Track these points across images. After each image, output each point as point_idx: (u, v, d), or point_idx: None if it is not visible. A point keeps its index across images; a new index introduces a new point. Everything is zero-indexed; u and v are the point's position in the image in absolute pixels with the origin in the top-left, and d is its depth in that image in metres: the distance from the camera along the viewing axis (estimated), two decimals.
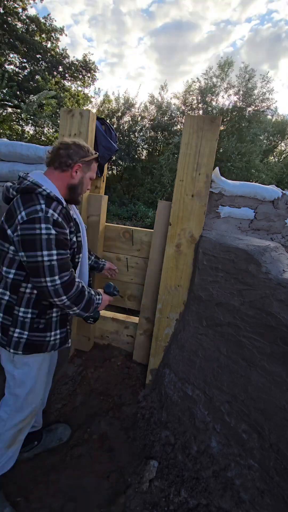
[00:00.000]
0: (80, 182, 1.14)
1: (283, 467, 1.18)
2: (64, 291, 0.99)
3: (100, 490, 1.26)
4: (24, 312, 1.05)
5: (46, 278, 0.95)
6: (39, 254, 0.93)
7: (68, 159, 1.08)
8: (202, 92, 9.60)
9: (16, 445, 1.18)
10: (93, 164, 1.19)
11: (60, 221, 0.99)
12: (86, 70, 12.49)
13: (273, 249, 1.45)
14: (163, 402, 1.59)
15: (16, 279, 1.03)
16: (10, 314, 1.06)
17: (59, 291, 0.98)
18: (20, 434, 1.18)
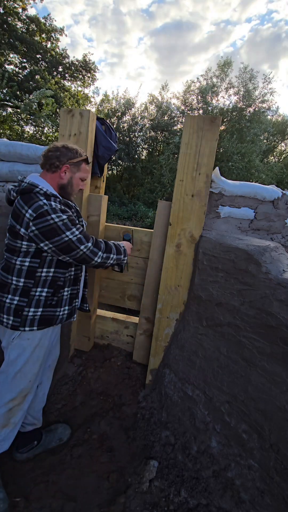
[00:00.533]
0: (69, 182, 1.25)
1: (283, 467, 1.18)
2: (98, 248, 1.19)
3: (100, 490, 1.26)
4: (40, 291, 1.18)
5: (80, 247, 1.12)
6: (63, 236, 1.08)
7: (56, 161, 1.20)
8: (202, 92, 9.60)
9: (10, 427, 1.21)
10: (83, 165, 1.29)
11: (63, 208, 1.13)
12: (86, 70, 12.50)
13: (273, 249, 1.45)
14: (163, 402, 1.59)
15: (32, 266, 1.15)
16: (26, 296, 1.16)
17: (95, 250, 1.17)
18: (12, 416, 1.21)
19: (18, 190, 1.12)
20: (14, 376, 1.19)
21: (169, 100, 10.65)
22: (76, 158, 1.24)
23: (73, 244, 1.11)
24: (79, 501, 1.22)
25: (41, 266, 1.16)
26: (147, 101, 10.88)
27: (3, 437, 1.21)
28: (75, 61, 12.18)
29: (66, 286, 1.26)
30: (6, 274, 1.17)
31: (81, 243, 1.13)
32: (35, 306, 1.17)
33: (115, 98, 10.93)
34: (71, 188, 1.26)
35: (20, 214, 1.08)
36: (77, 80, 12.55)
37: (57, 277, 1.21)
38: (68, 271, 1.25)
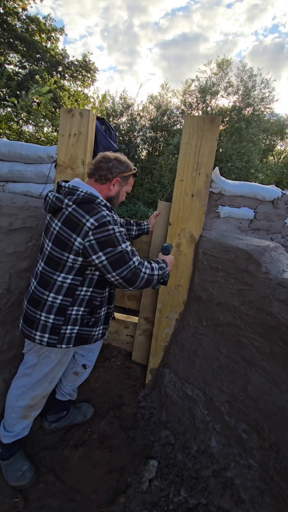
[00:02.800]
0: (116, 195, 1.26)
1: (283, 466, 1.18)
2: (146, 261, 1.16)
3: (100, 490, 1.26)
4: (77, 310, 1.17)
5: (133, 259, 1.08)
6: (119, 247, 1.06)
7: (108, 172, 1.19)
8: (201, 91, 9.60)
9: (30, 418, 1.30)
10: (131, 179, 1.30)
11: (120, 222, 1.19)
12: (86, 70, 12.48)
13: (273, 249, 1.45)
14: (163, 402, 1.59)
15: (73, 284, 1.13)
16: (62, 315, 1.14)
17: (144, 263, 1.13)
18: (33, 411, 1.29)
19: (76, 200, 1.07)
20: (38, 381, 1.23)
21: (169, 99, 10.65)
22: (127, 172, 1.24)
23: (126, 256, 1.07)
24: (79, 501, 1.22)
25: (81, 284, 1.14)
26: (147, 101, 10.88)
27: (24, 426, 1.29)
28: (75, 61, 12.16)
29: (103, 306, 1.25)
30: (43, 290, 1.13)
31: (133, 255, 1.10)
32: (72, 324, 1.17)
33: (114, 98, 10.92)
34: (116, 200, 1.27)
35: (79, 223, 1.04)
36: (77, 80, 12.53)
37: (94, 297, 1.19)
38: (105, 291, 1.24)
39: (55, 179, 1.75)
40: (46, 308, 1.13)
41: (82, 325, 1.19)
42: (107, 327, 1.34)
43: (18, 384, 1.26)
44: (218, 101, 10.02)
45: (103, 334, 1.32)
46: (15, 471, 1.25)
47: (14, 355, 1.51)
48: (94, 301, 1.20)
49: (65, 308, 1.14)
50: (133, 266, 1.08)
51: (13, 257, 1.46)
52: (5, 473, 1.26)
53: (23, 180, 1.86)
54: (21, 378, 1.25)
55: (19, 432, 1.28)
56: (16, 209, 1.51)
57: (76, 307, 1.16)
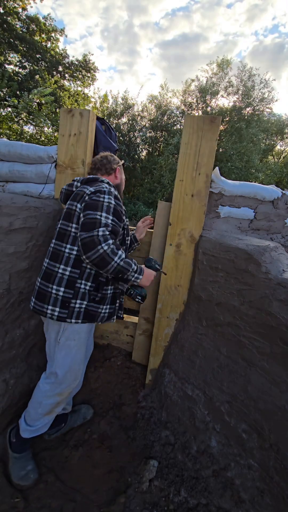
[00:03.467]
0: (121, 182, 1.50)
1: (283, 466, 1.18)
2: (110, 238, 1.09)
3: (100, 490, 1.26)
4: (85, 284, 1.22)
5: (99, 229, 1.08)
6: (98, 214, 1.11)
7: (111, 165, 1.44)
8: (201, 91, 9.60)
9: (51, 414, 1.33)
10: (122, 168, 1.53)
11: (118, 197, 1.27)
12: (86, 70, 12.48)
13: (273, 249, 1.45)
14: (163, 402, 1.59)
15: (78, 255, 1.20)
16: (72, 288, 1.20)
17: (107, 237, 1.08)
18: (57, 406, 1.32)
19: (83, 180, 1.30)
20: (64, 376, 1.27)
21: (169, 99, 10.65)
22: (119, 162, 1.49)
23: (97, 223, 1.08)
24: (79, 501, 1.22)
25: None
26: (147, 101, 10.88)
27: (45, 423, 1.32)
28: (75, 61, 12.16)
29: (109, 284, 1.29)
30: (54, 263, 1.22)
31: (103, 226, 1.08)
32: (81, 298, 1.21)
33: (115, 98, 10.91)
34: (122, 186, 1.51)
35: (81, 193, 1.22)
36: (77, 80, 12.53)
37: (100, 273, 1.24)
38: None
39: (55, 179, 1.75)
40: (57, 280, 1.20)
41: (89, 301, 1.23)
42: (114, 308, 1.35)
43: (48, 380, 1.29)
44: (218, 101, 10.02)
45: (109, 314, 1.33)
46: (20, 469, 1.26)
47: (14, 355, 1.51)
48: (100, 277, 1.25)
49: (74, 281, 1.20)
50: (96, 235, 1.06)
51: (13, 257, 1.46)
52: (11, 465, 1.28)
53: (23, 180, 1.86)
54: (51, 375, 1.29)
55: (39, 427, 1.30)
56: (16, 209, 1.51)
57: (84, 281, 1.21)
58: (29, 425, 1.30)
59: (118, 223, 1.17)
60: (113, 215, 1.15)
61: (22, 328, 1.55)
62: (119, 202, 1.24)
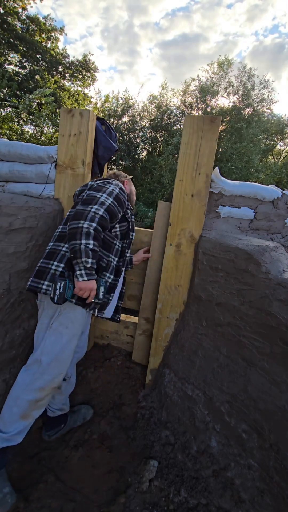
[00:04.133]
0: (131, 192, 1.59)
1: (283, 466, 1.18)
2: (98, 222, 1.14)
3: (100, 490, 1.26)
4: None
5: (94, 206, 1.17)
6: (99, 194, 1.22)
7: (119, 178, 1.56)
8: (201, 90, 9.60)
9: (29, 420, 1.19)
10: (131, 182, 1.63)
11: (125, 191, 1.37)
12: (86, 70, 12.47)
13: (273, 249, 1.45)
14: (163, 402, 1.59)
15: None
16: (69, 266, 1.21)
17: (95, 218, 1.14)
18: (35, 407, 1.19)
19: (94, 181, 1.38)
20: (49, 365, 1.18)
21: (169, 99, 10.64)
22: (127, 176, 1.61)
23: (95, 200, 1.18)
24: (79, 501, 1.22)
25: None
26: (147, 101, 10.87)
27: (20, 429, 1.18)
28: (75, 61, 12.16)
29: (107, 271, 1.30)
30: (59, 243, 1.26)
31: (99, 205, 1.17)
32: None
33: (115, 98, 10.91)
34: (132, 197, 1.61)
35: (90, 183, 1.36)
36: (77, 80, 12.53)
37: (100, 256, 1.26)
38: (111, 257, 1.32)
39: (55, 179, 1.75)
40: (59, 257, 1.22)
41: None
42: (108, 298, 1.34)
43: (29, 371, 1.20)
44: (218, 101, 10.02)
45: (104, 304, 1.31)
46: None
47: (14, 355, 1.51)
48: (101, 261, 1.26)
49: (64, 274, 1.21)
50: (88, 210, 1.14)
51: (13, 257, 1.46)
52: None
53: (23, 180, 1.86)
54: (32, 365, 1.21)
55: (12, 435, 1.16)
56: (16, 209, 1.51)
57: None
58: (1, 431, 1.15)
59: (117, 206, 1.25)
60: (113, 199, 1.23)
61: (22, 328, 1.55)
62: (124, 195, 1.32)
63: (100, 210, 1.16)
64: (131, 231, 1.43)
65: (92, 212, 1.14)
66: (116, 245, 1.36)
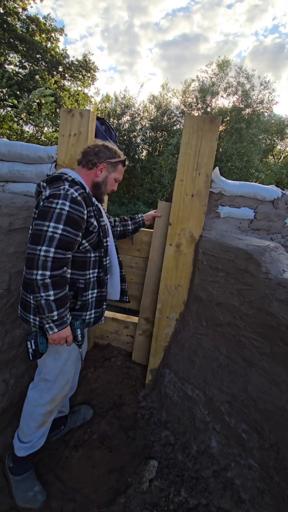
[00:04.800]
0: (103, 181, 1.25)
1: (283, 467, 1.18)
2: (51, 266, 0.98)
3: (100, 490, 1.26)
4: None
5: (42, 247, 0.97)
6: (46, 224, 0.99)
7: (95, 158, 1.20)
8: (201, 91, 9.61)
9: (45, 426, 1.26)
10: (119, 166, 1.28)
11: (79, 200, 1.05)
12: (86, 70, 12.48)
13: (273, 249, 1.45)
14: (163, 402, 1.59)
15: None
16: None
17: (47, 264, 0.97)
18: (50, 416, 1.26)
19: (47, 179, 1.12)
20: (55, 381, 1.21)
21: (169, 99, 10.65)
22: (115, 158, 1.25)
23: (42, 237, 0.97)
24: (79, 501, 1.22)
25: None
26: (147, 101, 10.88)
27: (40, 436, 1.25)
28: (75, 61, 12.16)
29: (89, 289, 1.21)
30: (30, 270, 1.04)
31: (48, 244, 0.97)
32: None
33: (115, 98, 10.91)
34: (105, 187, 1.26)
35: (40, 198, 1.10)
36: (77, 80, 12.54)
37: (75, 279, 1.16)
38: (88, 273, 1.20)
39: None
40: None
41: (70, 309, 1.15)
42: (100, 311, 1.28)
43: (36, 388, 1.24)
44: (218, 101, 10.03)
45: (96, 318, 1.27)
46: (26, 491, 1.19)
47: (14, 355, 1.51)
48: (77, 284, 1.16)
49: None
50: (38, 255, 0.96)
51: (13, 257, 1.46)
52: (15, 490, 1.20)
53: (23, 180, 1.86)
54: (39, 382, 1.24)
55: (35, 442, 1.24)
56: (16, 209, 1.51)
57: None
58: (23, 442, 1.23)
59: (72, 232, 1.02)
60: (65, 224, 1.00)
61: (22, 328, 1.55)
62: (79, 208, 1.04)
63: (50, 251, 0.97)
64: (103, 237, 1.21)
65: (42, 257, 0.96)
66: (91, 258, 1.20)
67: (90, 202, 1.12)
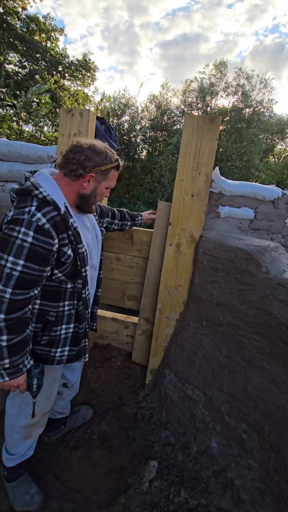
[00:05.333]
0: (92, 193, 1.02)
1: (283, 467, 1.18)
2: (7, 308, 0.85)
3: (100, 490, 1.26)
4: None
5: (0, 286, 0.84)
6: (4, 257, 0.83)
7: (79, 167, 0.95)
8: (200, 91, 9.62)
9: (33, 438, 1.22)
10: (112, 172, 1.04)
11: (46, 228, 0.86)
12: (85, 69, 12.47)
13: (273, 249, 1.45)
14: (163, 402, 1.59)
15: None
16: None
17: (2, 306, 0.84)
18: (34, 429, 1.20)
19: (17, 191, 0.92)
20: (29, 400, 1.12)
21: (169, 99, 10.66)
22: (105, 164, 0.99)
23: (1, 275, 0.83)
24: (79, 501, 1.22)
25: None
26: (147, 101, 10.88)
27: (28, 446, 1.22)
28: (75, 61, 12.16)
29: (62, 323, 1.05)
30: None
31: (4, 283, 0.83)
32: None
33: (115, 97, 10.90)
34: (93, 199, 1.04)
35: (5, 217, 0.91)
36: (77, 79, 12.53)
37: (45, 310, 1.01)
38: (61, 305, 1.03)
39: None
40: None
41: (35, 343, 1.02)
42: (78, 350, 1.11)
43: (13, 403, 1.15)
44: (217, 101, 10.05)
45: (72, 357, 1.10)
46: (22, 494, 1.18)
47: None
48: (47, 316, 1.01)
49: None
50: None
51: None
52: (11, 496, 1.19)
53: (23, 180, 1.85)
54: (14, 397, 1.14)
55: (23, 453, 1.20)
56: None
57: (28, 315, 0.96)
58: (10, 453, 1.19)
59: (36, 269, 0.86)
60: (26, 259, 0.84)
61: None
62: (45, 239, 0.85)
63: (6, 291, 0.83)
64: (81, 267, 1.01)
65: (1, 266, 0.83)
66: (67, 289, 1.03)
67: (64, 227, 0.92)
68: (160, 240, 1.70)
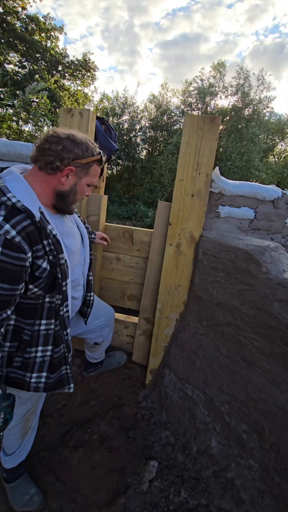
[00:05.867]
0: (71, 189, 0.90)
1: (283, 467, 1.18)
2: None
3: (100, 490, 1.26)
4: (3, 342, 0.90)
5: None
6: None
7: (57, 159, 0.83)
8: (200, 92, 9.63)
9: (27, 435, 1.21)
10: (94, 166, 0.92)
11: (16, 242, 0.74)
12: (85, 69, 12.47)
13: (273, 249, 1.45)
14: (163, 402, 1.59)
15: None
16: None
17: None
18: (27, 423, 1.19)
19: None
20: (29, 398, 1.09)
21: (169, 99, 10.66)
22: (86, 157, 0.87)
23: None
24: (79, 501, 1.22)
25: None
26: (147, 101, 10.88)
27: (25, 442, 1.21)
28: (74, 61, 12.16)
29: (38, 344, 0.92)
30: None
31: None
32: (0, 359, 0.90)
33: (115, 97, 10.90)
34: (73, 197, 0.92)
35: None
36: (77, 79, 12.53)
37: (20, 327, 0.90)
38: (36, 323, 0.91)
39: None
40: None
41: (8, 365, 0.91)
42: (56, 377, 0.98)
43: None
44: (217, 101, 10.06)
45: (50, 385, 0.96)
46: (22, 495, 1.17)
47: None
48: (22, 334, 0.89)
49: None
50: None
51: None
52: (11, 497, 1.18)
53: None
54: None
55: (21, 450, 1.20)
56: None
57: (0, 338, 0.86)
58: (8, 454, 1.18)
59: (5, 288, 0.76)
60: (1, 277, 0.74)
61: None
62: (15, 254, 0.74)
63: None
64: (62, 280, 0.89)
65: None
66: (44, 305, 0.91)
67: (40, 237, 0.80)
68: (160, 240, 1.70)
